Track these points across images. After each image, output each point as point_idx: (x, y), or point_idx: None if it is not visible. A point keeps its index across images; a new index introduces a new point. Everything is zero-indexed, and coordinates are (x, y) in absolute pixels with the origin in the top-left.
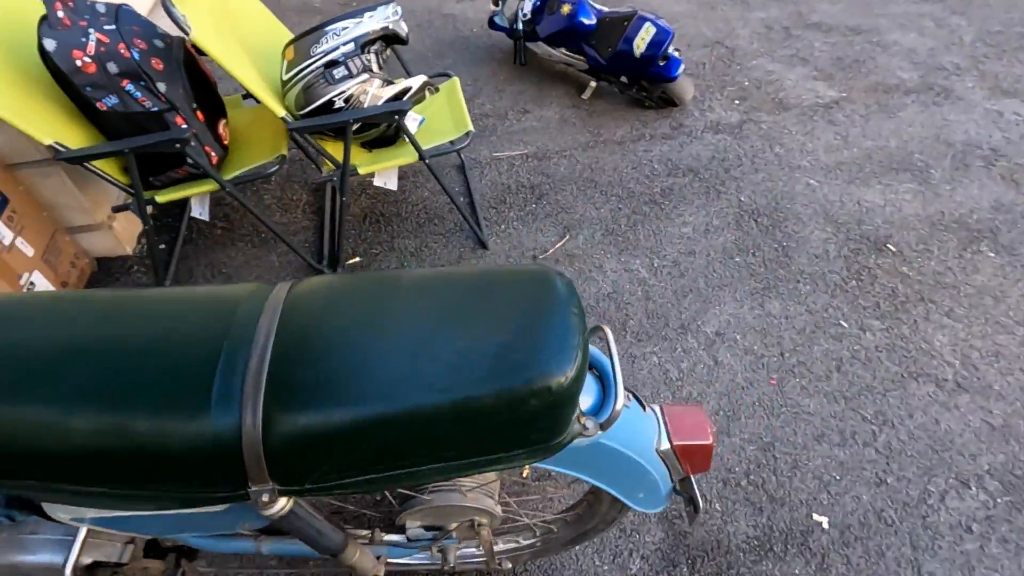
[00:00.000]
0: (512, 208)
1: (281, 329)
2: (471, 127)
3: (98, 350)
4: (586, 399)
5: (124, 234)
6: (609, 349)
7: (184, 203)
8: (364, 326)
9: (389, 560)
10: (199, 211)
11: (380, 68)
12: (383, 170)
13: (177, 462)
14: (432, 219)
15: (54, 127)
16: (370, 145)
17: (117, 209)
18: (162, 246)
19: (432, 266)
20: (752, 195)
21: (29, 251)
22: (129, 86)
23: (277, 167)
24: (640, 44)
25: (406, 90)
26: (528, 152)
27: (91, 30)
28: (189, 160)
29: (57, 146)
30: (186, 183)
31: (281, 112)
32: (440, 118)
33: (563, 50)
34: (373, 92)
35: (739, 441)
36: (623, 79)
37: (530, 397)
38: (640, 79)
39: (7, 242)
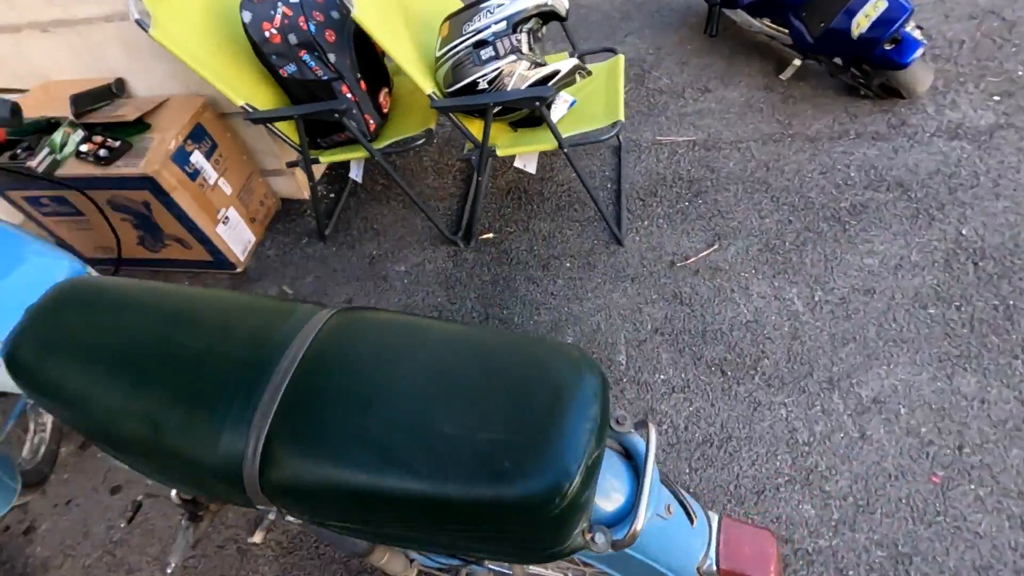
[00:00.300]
0: (662, 203)
1: (301, 365)
2: (622, 117)
3: (160, 346)
4: (615, 497)
5: (304, 180)
6: (647, 454)
7: None
8: (374, 382)
9: (422, 567)
10: (355, 173)
11: (531, 49)
12: (523, 153)
13: (195, 469)
14: (573, 204)
15: (249, 89)
16: (517, 125)
17: (291, 164)
18: (332, 195)
19: (561, 256)
20: (980, 229)
21: (228, 190)
22: (305, 56)
23: (423, 140)
24: (862, 22)
25: (554, 74)
26: (696, 139)
27: (279, 3)
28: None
29: (247, 107)
30: (346, 146)
31: (428, 89)
32: (593, 101)
33: (766, 20)
34: (519, 74)
35: (865, 540)
36: (836, 60)
37: (510, 514)
38: (861, 62)
39: (212, 181)
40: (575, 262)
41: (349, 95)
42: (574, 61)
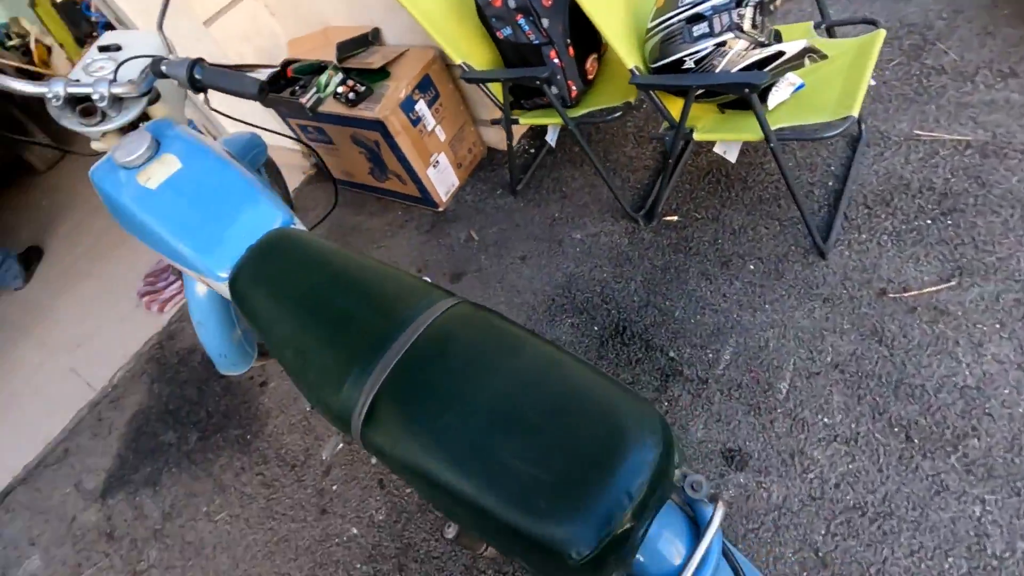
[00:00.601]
0: (894, 216)
1: (412, 348)
2: (856, 112)
3: (322, 300)
4: (673, 557)
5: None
6: (706, 531)
7: None
8: (461, 384)
9: None
10: (551, 137)
11: (756, 25)
12: (724, 139)
13: (325, 405)
14: (778, 198)
15: (469, 48)
16: (725, 106)
17: (495, 122)
18: (532, 151)
19: (747, 255)
20: None
21: (442, 136)
22: (521, 20)
23: (620, 113)
24: None
25: (776, 56)
26: (972, 139)
27: None
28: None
29: (464, 65)
30: (545, 110)
31: (631, 64)
32: (826, 87)
33: None
34: (735, 54)
35: None
36: None
37: (536, 549)
38: None
39: (430, 128)
40: (760, 266)
41: (556, 60)
42: (804, 43)
